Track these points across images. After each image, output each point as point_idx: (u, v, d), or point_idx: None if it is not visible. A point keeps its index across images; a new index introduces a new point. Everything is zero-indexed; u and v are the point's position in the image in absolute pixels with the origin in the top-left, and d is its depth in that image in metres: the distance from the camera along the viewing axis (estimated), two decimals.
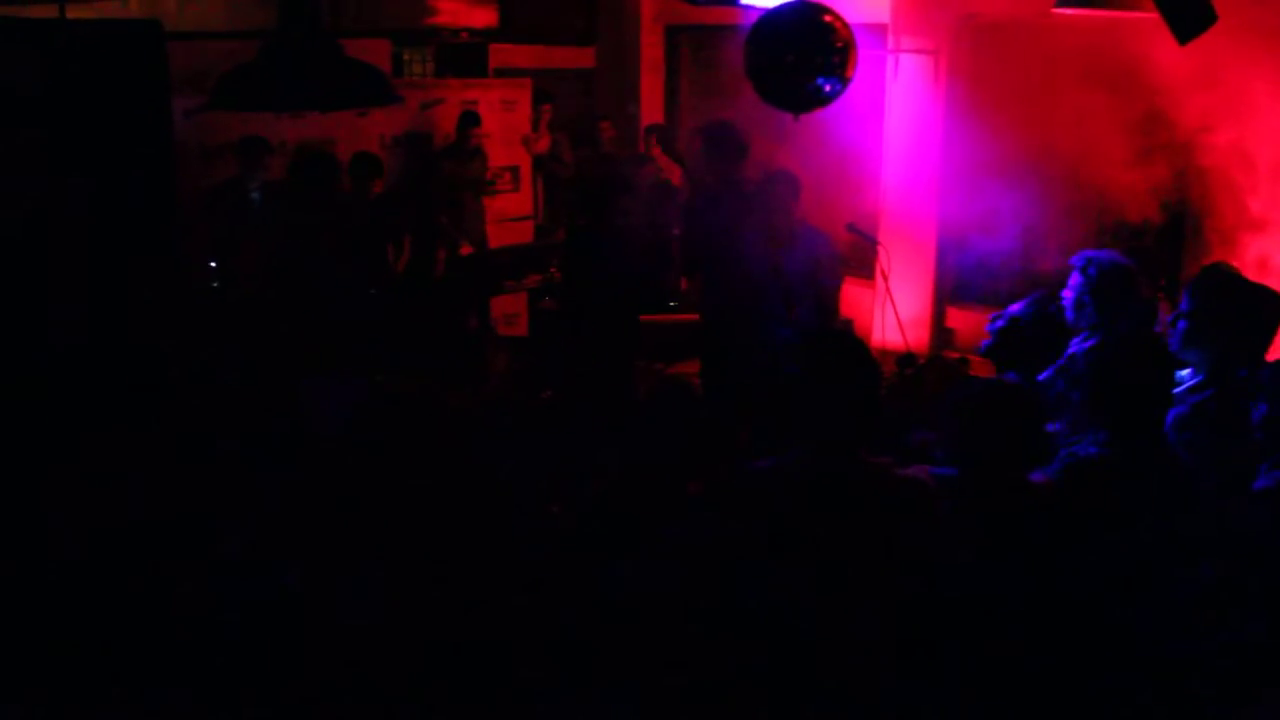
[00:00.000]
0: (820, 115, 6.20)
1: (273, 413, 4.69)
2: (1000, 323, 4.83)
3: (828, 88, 5.45)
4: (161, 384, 4.55)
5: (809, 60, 5.41)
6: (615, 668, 3.19)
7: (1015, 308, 4.83)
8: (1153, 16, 4.89)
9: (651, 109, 12.06)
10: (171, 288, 4.73)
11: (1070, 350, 4.82)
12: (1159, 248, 7.71)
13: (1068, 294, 4.83)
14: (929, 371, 7.20)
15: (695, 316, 8.52)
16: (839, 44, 5.45)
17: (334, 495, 3.57)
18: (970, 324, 8.81)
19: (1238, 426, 3.92)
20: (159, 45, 4.17)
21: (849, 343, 3.34)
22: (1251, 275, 5.92)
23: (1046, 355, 4.68)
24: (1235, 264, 6.26)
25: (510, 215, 10.97)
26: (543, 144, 11.05)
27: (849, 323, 8.64)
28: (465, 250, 9.51)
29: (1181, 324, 4.15)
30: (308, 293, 7.15)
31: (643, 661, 3.16)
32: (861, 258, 8.64)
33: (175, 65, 7.05)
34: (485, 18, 11.41)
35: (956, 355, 7.93)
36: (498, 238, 10.42)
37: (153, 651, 3.42)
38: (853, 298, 8.89)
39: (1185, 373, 4.16)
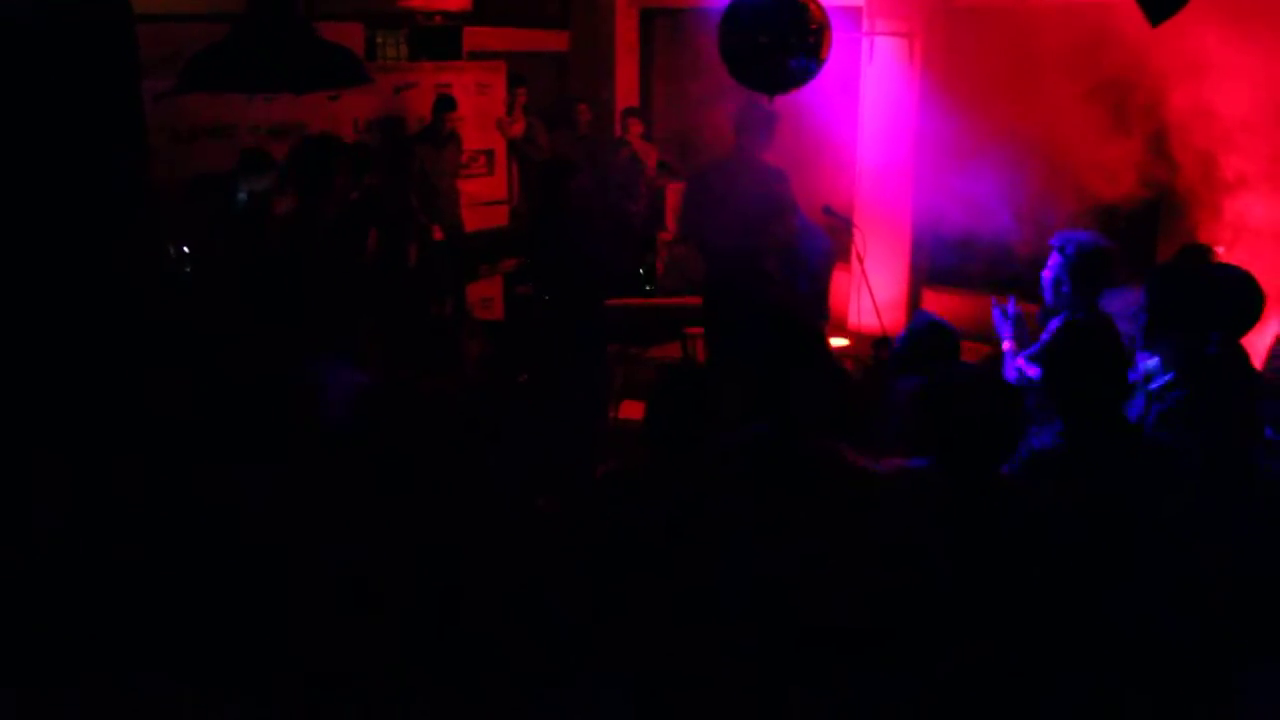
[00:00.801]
0: (796, 98, 6.18)
1: (256, 399, 4.66)
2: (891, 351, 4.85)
3: (802, 69, 5.44)
4: (143, 367, 4.50)
5: (783, 41, 5.40)
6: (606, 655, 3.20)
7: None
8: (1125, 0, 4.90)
9: (626, 92, 12.02)
10: (149, 271, 4.69)
11: (1045, 331, 4.83)
12: (1133, 229, 7.73)
13: (1046, 274, 4.85)
14: None
15: (672, 300, 8.53)
16: (813, 25, 5.45)
17: (325, 482, 3.57)
18: (947, 307, 8.82)
19: (1215, 416, 3.93)
20: (128, 24, 4.11)
21: (812, 328, 3.38)
22: (1230, 241, 5.93)
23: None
24: (1213, 238, 6.30)
25: (485, 199, 10.94)
26: (518, 127, 11.02)
27: (826, 305, 8.64)
28: (437, 235, 9.48)
29: (1141, 318, 4.16)
30: (288, 281, 7.13)
31: (633, 648, 3.17)
32: (837, 241, 8.64)
33: (147, 48, 6.96)
34: (459, 1, 11.36)
35: None
36: (472, 222, 10.39)
37: (138, 638, 3.40)
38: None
39: (1153, 361, 4.15)
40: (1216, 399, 3.96)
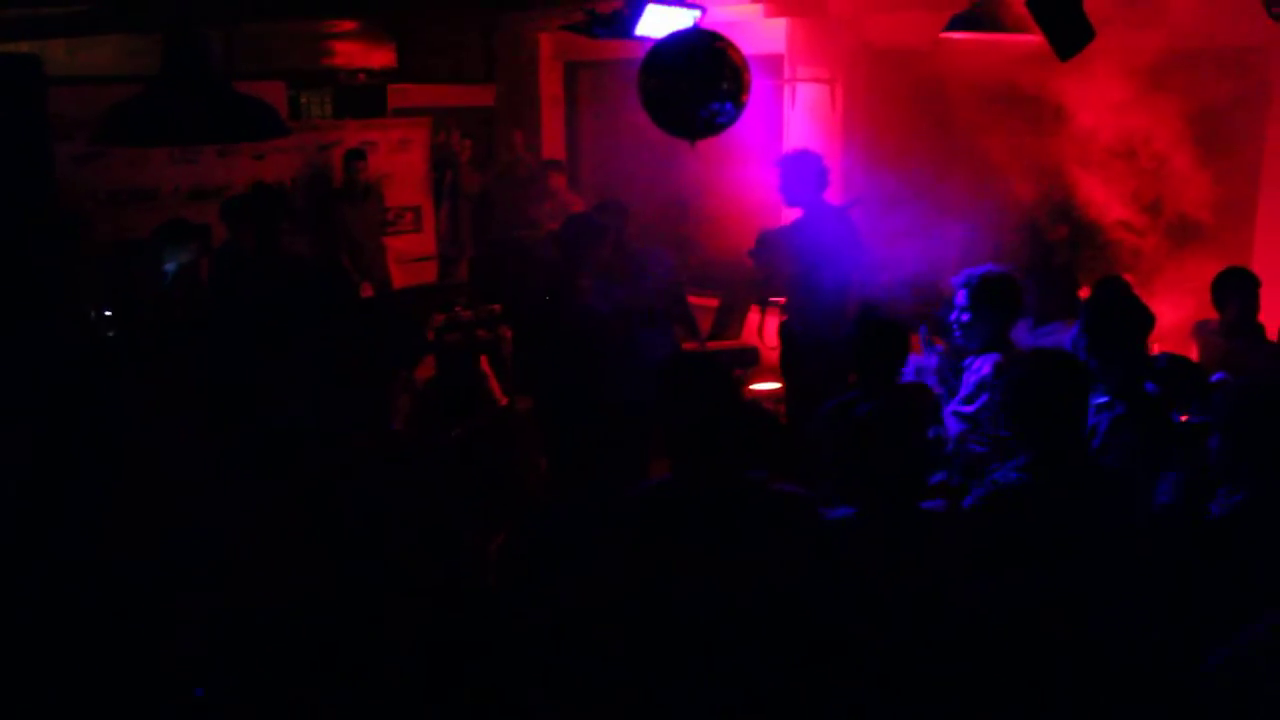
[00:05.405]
0: (721, 145, 6.23)
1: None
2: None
3: (722, 113, 5.48)
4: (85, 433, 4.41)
5: (702, 87, 5.44)
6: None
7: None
8: (1037, 38, 4.99)
9: (552, 144, 12.07)
10: (70, 329, 4.61)
11: (968, 372, 4.83)
12: (1057, 264, 7.85)
13: (955, 313, 4.85)
14: None
15: None
16: (731, 69, 5.49)
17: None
18: None
19: (1156, 437, 3.98)
20: (38, 81, 4.06)
21: (699, 366, 3.36)
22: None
23: None
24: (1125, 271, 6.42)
25: (413, 255, 10.91)
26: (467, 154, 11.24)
27: (756, 351, 8.66)
28: (366, 292, 9.41)
29: (1082, 341, 4.19)
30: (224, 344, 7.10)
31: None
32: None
33: (66, 111, 6.89)
34: (383, 58, 11.40)
35: None
36: (401, 278, 10.35)
37: None
38: (757, 325, 8.92)
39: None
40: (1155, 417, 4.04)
